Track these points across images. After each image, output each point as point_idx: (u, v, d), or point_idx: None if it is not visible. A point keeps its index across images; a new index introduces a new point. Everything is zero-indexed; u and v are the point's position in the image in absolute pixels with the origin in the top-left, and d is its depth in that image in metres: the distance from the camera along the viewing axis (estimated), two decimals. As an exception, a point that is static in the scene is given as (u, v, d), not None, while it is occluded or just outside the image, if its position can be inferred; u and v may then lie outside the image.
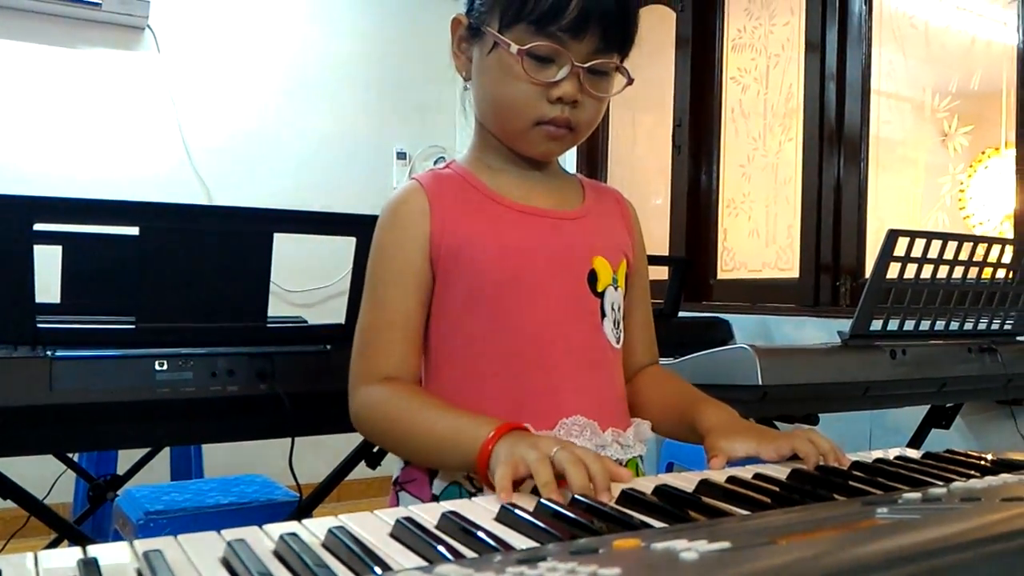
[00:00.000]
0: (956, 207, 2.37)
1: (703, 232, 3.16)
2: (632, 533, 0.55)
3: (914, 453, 0.91)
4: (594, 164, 3.66)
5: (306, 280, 3.63)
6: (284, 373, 1.21)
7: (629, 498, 0.69)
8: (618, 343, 1.00)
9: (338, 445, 1.45)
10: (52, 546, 2.00)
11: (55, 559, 0.53)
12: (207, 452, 2.65)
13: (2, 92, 3.26)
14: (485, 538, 0.56)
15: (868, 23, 2.58)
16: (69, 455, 2.18)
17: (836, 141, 2.65)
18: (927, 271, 1.52)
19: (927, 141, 2.51)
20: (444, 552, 0.53)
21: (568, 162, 3.50)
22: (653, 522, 0.61)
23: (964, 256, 1.56)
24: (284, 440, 1.27)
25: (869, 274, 1.47)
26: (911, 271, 1.51)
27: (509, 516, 0.62)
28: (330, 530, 0.57)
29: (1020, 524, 0.52)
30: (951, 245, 1.53)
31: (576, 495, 0.68)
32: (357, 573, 0.51)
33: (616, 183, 3.56)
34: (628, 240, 1.05)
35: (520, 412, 0.90)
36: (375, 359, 0.93)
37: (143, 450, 2.27)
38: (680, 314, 2.44)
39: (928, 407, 1.98)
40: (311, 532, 0.59)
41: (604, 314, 0.97)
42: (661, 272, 2.41)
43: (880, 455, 0.90)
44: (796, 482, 0.78)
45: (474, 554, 0.54)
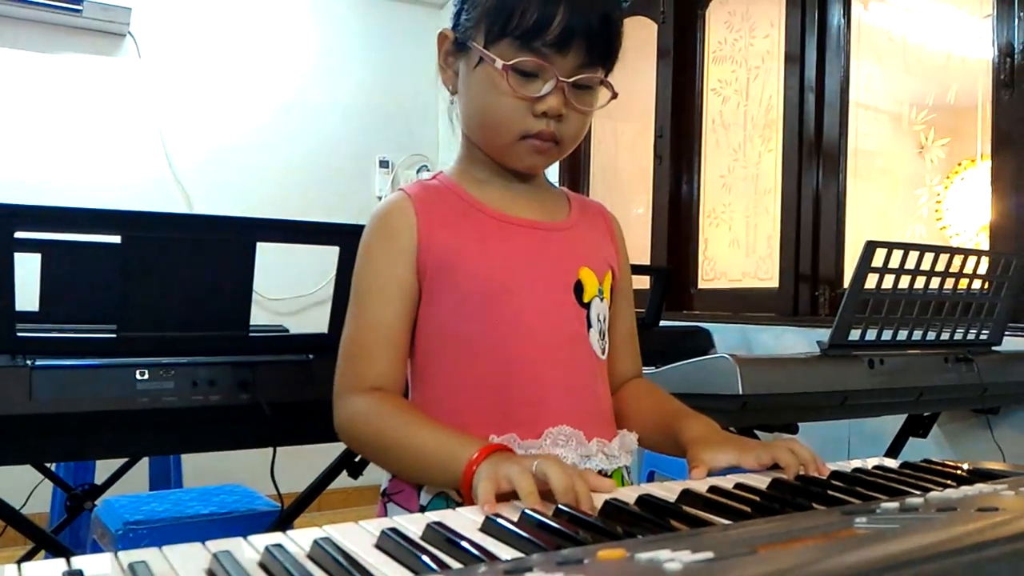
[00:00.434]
0: (933, 218, 2.41)
1: (684, 242, 3.18)
2: (617, 543, 0.55)
3: (892, 463, 0.93)
4: (576, 174, 3.67)
5: (287, 288, 3.61)
6: (266, 383, 1.21)
7: (612, 508, 0.70)
8: (604, 354, 1.01)
9: (318, 454, 1.45)
10: (29, 556, 1.98)
11: (39, 570, 0.53)
12: (186, 461, 2.62)
13: (-20, 97, 3.24)
14: (470, 548, 0.57)
15: (847, 37, 2.62)
16: (46, 464, 2.16)
17: (815, 152, 2.68)
18: (904, 282, 1.55)
19: (904, 153, 2.55)
20: (429, 563, 0.54)
21: (551, 172, 3.51)
22: (637, 532, 0.62)
23: (941, 267, 1.59)
24: (264, 449, 1.27)
25: (847, 284, 1.49)
26: (889, 281, 1.53)
27: (494, 527, 0.63)
28: (315, 541, 0.57)
29: (995, 534, 0.54)
30: (928, 256, 1.56)
31: (559, 504, 0.69)
32: (343, 584, 0.51)
33: (598, 193, 3.58)
34: (613, 252, 1.06)
35: (506, 422, 0.90)
36: (360, 369, 0.93)
37: (122, 459, 2.24)
38: (661, 323, 2.45)
39: (906, 416, 2.00)
40: (296, 543, 0.59)
41: (590, 325, 0.98)
42: (643, 281, 2.42)
43: (859, 464, 0.91)
44: (776, 492, 0.78)
45: (459, 564, 0.55)
